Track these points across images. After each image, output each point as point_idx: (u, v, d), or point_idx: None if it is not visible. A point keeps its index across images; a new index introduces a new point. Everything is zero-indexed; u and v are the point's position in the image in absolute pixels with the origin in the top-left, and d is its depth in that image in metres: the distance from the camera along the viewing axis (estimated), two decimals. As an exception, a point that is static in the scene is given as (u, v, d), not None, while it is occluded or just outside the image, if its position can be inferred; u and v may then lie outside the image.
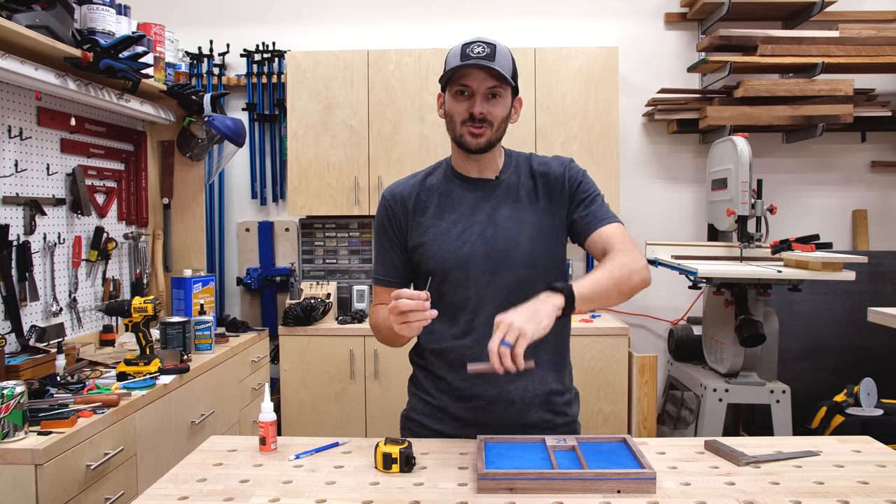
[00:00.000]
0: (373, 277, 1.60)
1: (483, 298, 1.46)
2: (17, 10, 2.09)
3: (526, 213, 1.48)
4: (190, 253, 3.32)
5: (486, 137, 1.43)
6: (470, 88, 1.41)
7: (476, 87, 1.40)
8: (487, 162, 1.51)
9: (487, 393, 1.47)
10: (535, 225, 1.47)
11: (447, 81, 1.44)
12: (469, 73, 1.40)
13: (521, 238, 1.45)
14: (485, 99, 1.41)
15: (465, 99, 1.42)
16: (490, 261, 1.45)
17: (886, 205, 3.65)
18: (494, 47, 1.39)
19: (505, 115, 1.45)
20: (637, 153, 3.69)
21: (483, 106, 1.41)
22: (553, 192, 1.49)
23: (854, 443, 1.47)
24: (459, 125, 1.44)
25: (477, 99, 1.41)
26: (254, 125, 3.69)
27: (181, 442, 2.27)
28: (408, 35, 3.66)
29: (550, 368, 1.52)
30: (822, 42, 3.23)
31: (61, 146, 2.58)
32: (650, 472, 1.20)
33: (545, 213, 1.49)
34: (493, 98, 1.42)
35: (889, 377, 3.09)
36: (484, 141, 1.43)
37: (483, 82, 1.40)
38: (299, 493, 1.21)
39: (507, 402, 1.47)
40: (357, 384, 3.17)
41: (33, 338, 2.35)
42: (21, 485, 1.54)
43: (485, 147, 1.45)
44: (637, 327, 3.67)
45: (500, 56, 1.39)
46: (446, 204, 1.50)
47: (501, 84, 1.41)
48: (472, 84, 1.40)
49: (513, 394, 1.47)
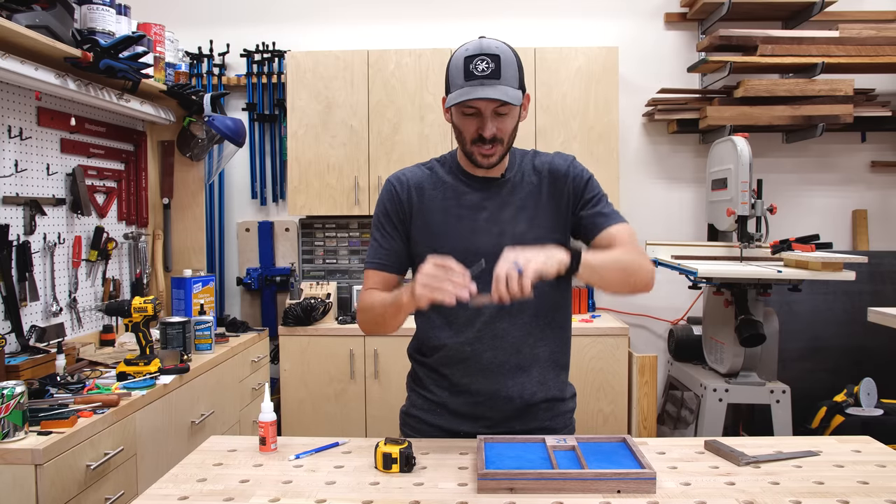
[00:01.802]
0: (366, 262, 1.54)
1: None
2: (17, 10, 2.09)
3: (531, 211, 1.47)
4: (190, 253, 3.32)
5: (498, 155, 1.42)
6: (477, 109, 1.38)
7: (484, 108, 1.37)
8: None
9: (486, 389, 1.47)
10: (540, 223, 1.47)
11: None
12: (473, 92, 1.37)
13: (526, 237, 1.44)
14: (493, 117, 1.38)
15: (474, 117, 1.39)
16: (495, 259, 1.44)
17: (886, 205, 3.65)
18: (499, 59, 1.34)
19: (515, 124, 1.44)
20: (637, 153, 3.69)
21: (493, 126, 1.38)
22: (558, 190, 1.49)
23: (854, 443, 1.46)
24: (469, 143, 1.42)
25: (486, 118, 1.38)
26: (254, 125, 3.69)
27: (181, 442, 2.27)
28: (408, 35, 3.66)
29: (550, 367, 1.52)
30: (822, 42, 3.23)
31: (61, 146, 2.58)
32: (650, 472, 1.20)
33: (550, 212, 1.48)
34: (501, 115, 1.39)
35: (889, 377, 3.09)
36: (496, 160, 1.42)
37: (490, 104, 1.37)
38: (299, 493, 1.21)
39: (506, 399, 1.47)
40: (357, 384, 3.17)
41: (33, 338, 2.35)
42: (21, 485, 1.54)
43: (496, 164, 1.44)
44: (637, 327, 3.67)
45: (505, 68, 1.35)
46: (452, 199, 1.49)
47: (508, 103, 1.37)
48: (480, 105, 1.37)
49: (511, 390, 1.47)
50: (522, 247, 1.27)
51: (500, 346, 1.46)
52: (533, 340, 1.48)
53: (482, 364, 1.46)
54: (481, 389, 1.47)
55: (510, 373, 1.47)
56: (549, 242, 1.43)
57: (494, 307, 1.43)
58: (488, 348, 1.46)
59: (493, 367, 1.46)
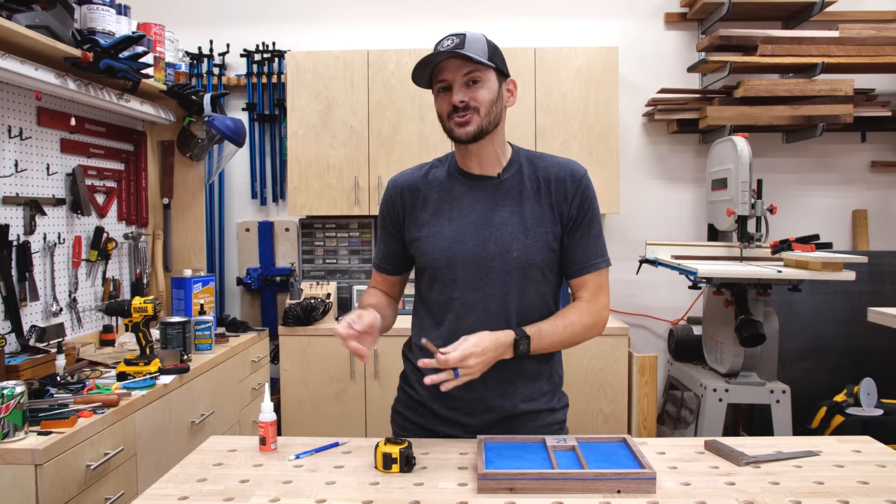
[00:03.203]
0: (372, 261, 1.59)
1: (470, 301, 1.44)
2: (17, 10, 2.09)
3: (524, 217, 1.44)
4: (190, 253, 3.32)
5: (475, 125, 1.40)
6: (447, 81, 1.40)
7: (452, 78, 1.39)
8: (487, 154, 1.47)
9: (467, 396, 1.44)
10: (531, 230, 1.43)
11: (430, 83, 1.44)
12: (442, 67, 1.39)
13: (513, 243, 1.42)
14: (464, 87, 1.39)
15: (447, 93, 1.41)
16: (480, 263, 1.42)
17: (886, 205, 3.65)
18: (464, 36, 1.37)
19: (492, 98, 1.41)
20: (637, 153, 3.69)
21: (462, 93, 1.39)
22: (559, 202, 1.45)
23: (854, 443, 1.47)
24: (447, 120, 1.42)
25: (455, 89, 1.39)
26: (254, 125, 3.69)
27: (181, 442, 2.27)
28: (408, 35, 3.66)
29: (536, 379, 1.49)
30: (822, 42, 3.23)
31: (61, 146, 2.58)
32: (650, 472, 1.20)
33: (545, 220, 1.44)
34: (473, 84, 1.39)
35: (889, 377, 3.09)
36: (473, 129, 1.40)
37: (457, 71, 1.38)
38: (299, 493, 1.21)
39: (487, 408, 1.46)
40: (357, 384, 3.17)
41: (33, 338, 2.35)
42: (21, 485, 1.54)
43: (475, 134, 1.40)
44: (637, 327, 3.67)
45: (470, 42, 1.37)
46: (445, 201, 1.48)
47: (478, 68, 1.38)
48: (448, 76, 1.39)
49: (492, 401, 1.46)
50: (483, 340, 1.34)
51: None
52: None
53: None
54: (462, 396, 1.44)
55: (493, 384, 1.44)
56: (536, 249, 1.43)
57: (480, 311, 1.44)
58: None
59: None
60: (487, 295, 1.43)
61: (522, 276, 1.43)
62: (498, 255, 1.42)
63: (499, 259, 1.42)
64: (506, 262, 1.42)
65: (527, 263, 1.43)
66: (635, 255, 3.28)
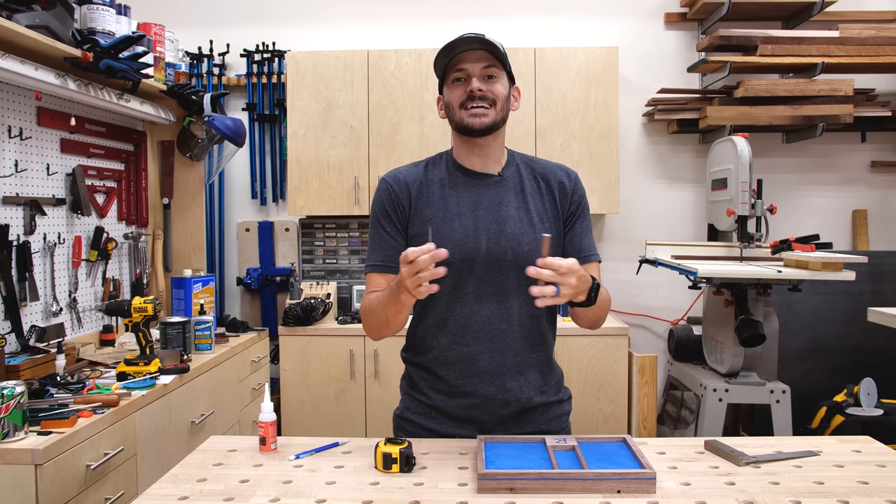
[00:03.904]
0: (367, 266, 1.51)
1: (481, 296, 1.45)
2: (17, 10, 2.09)
3: (529, 212, 1.47)
4: (190, 253, 3.32)
5: (491, 117, 1.43)
6: (466, 72, 1.42)
7: (471, 70, 1.42)
8: (491, 151, 1.49)
9: (483, 391, 1.46)
10: (537, 225, 1.47)
11: (444, 73, 1.45)
12: (463, 58, 1.42)
13: (523, 237, 1.44)
14: (482, 79, 1.42)
15: (462, 84, 1.43)
16: (493, 258, 1.44)
17: (886, 205, 3.65)
18: (483, 35, 1.41)
19: (505, 94, 1.45)
20: (637, 153, 3.69)
21: (481, 83, 1.42)
22: (560, 198, 1.51)
23: (854, 443, 1.47)
24: (459, 109, 1.43)
25: (474, 79, 1.42)
26: (254, 125, 3.69)
27: (181, 442, 2.27)
28: (408, 35, 3.66)
29: (546, 369, 1.52)
30: (822, 42, 3.23)
31: (61, 146, 2.58)
32: (650, 472, 1.20)
33: (549, 216, 1.49)
34: (490, 79, 1.43)
35: (889, 377, 3.09)
36: (489, 120, 1.42)
37: (477, 63, 1.41)
38: (299, 493, 1.21)
39: (503, 402, 1.46)
40: (357, 384, 3.17)
41: (33, 338, 2.35)
42: (21, 485, 1.54)
43: (489, 127, 1.43)
44: (637, 327, 3.67)
45: (490, 39, 1.42)
46: (450, 197, 1.48)
47: (495, 63, 1.42)
48: (468, 66, 1.42)
49: (509, 393, 1.46)
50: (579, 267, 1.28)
51: (498, 349, 1.45)
52: (530, 344, 1.48)
53: (480, 366, 1.45)
54: (478, 392, 1.46)
55: (509, 375, 1.46)
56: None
57: (492, 306, 1.44)
58: (486, 350, 1.45)
59: (492, 369, 1.45)
60: (500, 289, 1.45)
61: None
62: (510, 249, 1.44)
63: (511, 253, 1.44)
64: (517, 256, 1.43)
65: (537, 257, 1.43)
66: (635, 255, 3.29)
